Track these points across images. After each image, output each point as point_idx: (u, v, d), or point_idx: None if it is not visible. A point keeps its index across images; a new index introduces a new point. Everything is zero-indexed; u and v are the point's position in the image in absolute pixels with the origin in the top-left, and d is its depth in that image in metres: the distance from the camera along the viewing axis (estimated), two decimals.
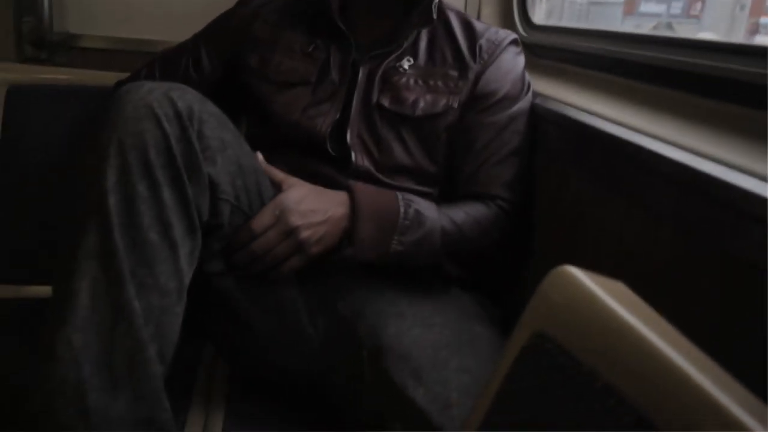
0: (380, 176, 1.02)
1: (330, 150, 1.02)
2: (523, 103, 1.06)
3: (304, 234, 0.89)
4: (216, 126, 0.83)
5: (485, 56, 1.05)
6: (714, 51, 0.87)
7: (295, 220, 0.89)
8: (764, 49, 0.80)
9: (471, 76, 1.04)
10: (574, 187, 0.98)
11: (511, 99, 1.05)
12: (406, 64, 1.04)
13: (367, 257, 0.93)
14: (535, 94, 1.10)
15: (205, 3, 1.25)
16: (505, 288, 1.09)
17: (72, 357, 0.70)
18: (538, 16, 1.43)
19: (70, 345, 0.70)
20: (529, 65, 1.12)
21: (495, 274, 1.07)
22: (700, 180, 0.68)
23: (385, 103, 1.02)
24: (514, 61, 1.07)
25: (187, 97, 0.80)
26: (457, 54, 1.05)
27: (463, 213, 0.99)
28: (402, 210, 0.94)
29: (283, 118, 1.04)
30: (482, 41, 1.06)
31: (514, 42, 1.09)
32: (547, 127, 1.04)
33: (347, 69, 1.05)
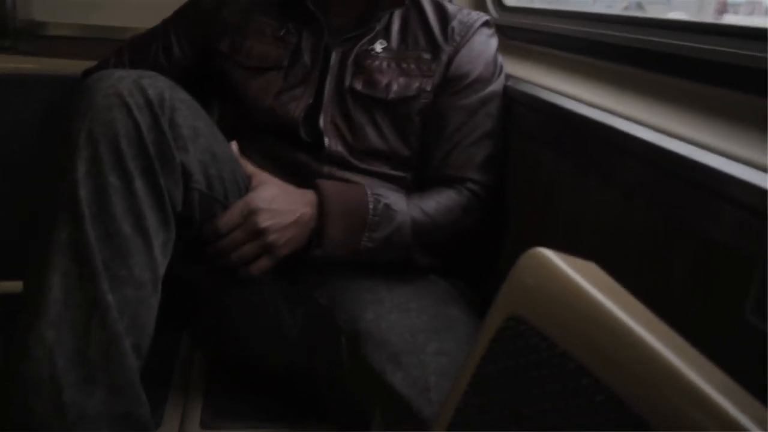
0: (354, 161, 1.01)
1: (303, 135, 1.01)
2: (496, 86, 1.06)
3: (273, 236, 0.89)
4: (188, 114, 0.81)
5: (457, 38, 1.04)
6: (683, 30, 0.87)
7: (264, 221, 0.88)
8: (731, 28, 0.81)
9: (444, 58, 1.03)
10: (548, 169, 0.98)
11: (483, 81, 1.05)
12: (378, 47, 1.04)
13: (337, 256, 0.93)
14: (508, 77, 1.10)
15: None
16: (480, 271, 1.09)
17: (46, 354, 0.69)
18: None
19: (43, 341, 0.69)
20: (502, 47, 1.11)
21: (470, 259, 1.07)
22: (671, 160, 0.68)
23: (358, 86, 1.01)
24: (486, 43, 1.07)
25: (158, 85, 0.79)
26: (429, 36, 1.05)
27: (434, 202, 0.99)
28: (371, 206, 0.94)
29: (256, 104, 1.03)
30: (454, 23, 1.05)
31: (486, 24, 1.08)
32: (520, 109, 1.04)
33: (319, 53, 1.04)
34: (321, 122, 1.01)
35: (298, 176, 0.99)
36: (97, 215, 0.73)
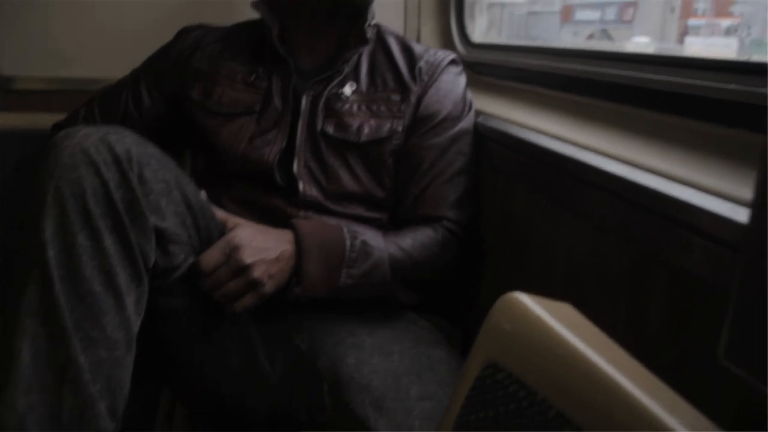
0: (329, 205, 1.01)
1: (278, 180, 1.01)
2: (466, 123, 1.07)
3: (257, 272, 0.87)
4: (158, 168, 0.81)
5: (425, 78, 1.05)
6: (647, 63, 0.89)
7: (247, 257, 0.87)
8: (695, 61, 0.82)
9: (413, 98, 1.04)
10: (522, 203, 0.98)
11: (453, 119, 1.05)
12: (348, 90, 1.04)
13: (317, 293, 0.92)
14: (478, 113, 1.11)
15: (145, 37, 1.23)
16: (461, 307, 1.09)
17: (17, 423, 0.67)
18: (479, 29, 1.45)
19: (14, 409, 0.67)
20: (471, 82, 1.13)
21: (450, 295, 1.07)
22: (641, 193, 0.69)
23: (330, 130, 1.02)
24: (454, 81, 1.08)
25: (125, 141, 0.78)
26: (397, 77, 1.06)
27: (410, 239, 0.99)
28: (348, 242, 0.93)
29: (230, 150, 1.03)
30: (421, 63, 1.06)
31: (453, 62, 1.10)
32: (492, 145, 1.05)
33: (289, 96, 1.04)
34: (295, 167, 1.01)
35: (273, 221, 0.98)
36: (66, 276, 0.72)
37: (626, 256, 0.75)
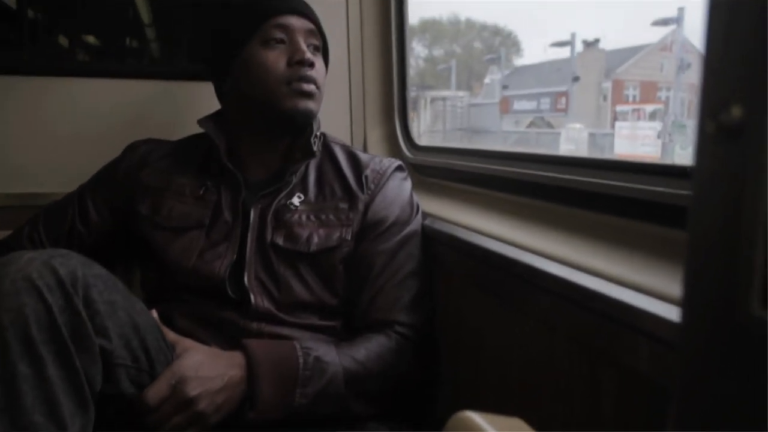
0: (282, 315, 0.99)
1: (230, 293, 0.99)
2: (414, 226, 1.08)
3: (203, 404, 0.85)
4: (104, 289, 0.79)
5: (372, 186, 1.07)
6: (584, 166, 0.92)
7: (192, 390, 0.84)
8: (630, 165, 0.85)
9: (360, 206, 1.05)
10: (474, 306, 0.99)
11: (401, 224, 1.07)
12: (296, 201, 1.05)
13: (272, 415, 0.89)
14: (425, 215, 1.13)
15: (92, 152, 1.22)
16: (421, 412, 1.06)
17: None
18: (425, 122, 1.50)
19: None
20: (418, 184, 1.15)
21: (409, 402, 1.05)
22: (587, 296, 0.70)
23: (279, 241, 1.01)
24: (400, 187, 1.10)
25: (70, 263, 0.77)
26: (345, 186, 1.07)
27: (364, 350, 0.97)
28: (301, 360, 0.91)
29: (180, 264, 1.01)
30: (368, 172, 1.08)
31: (398, 168, 1.12)
32: (440, 248, 1.06)
33: (239, 209, 1.04)
34: (246, 279, 0.99)
35: (226, 335, 0.96)
36: (5, 408, 0.68)
37: (577, 356, 0.75)
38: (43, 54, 1.35)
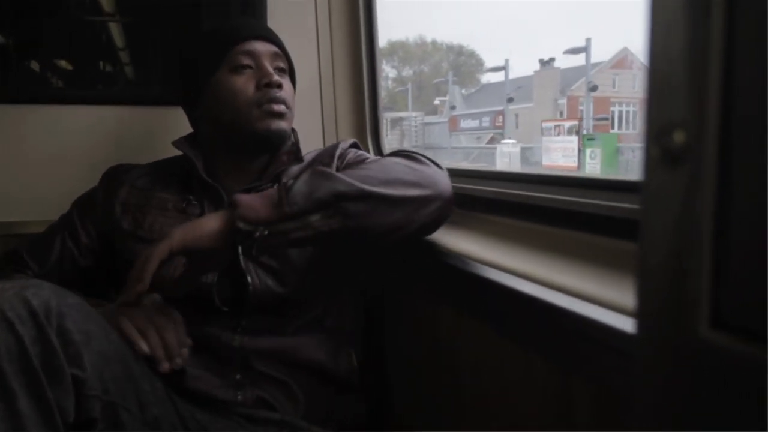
0: (281, 290, 0.87)
1: (217, 301, 0.85)
2: None
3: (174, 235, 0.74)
4: (78, 318, 0.67)
5: (338, 160, 0.96)
6: (549, 184, 0.80)
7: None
8: (591, 181, 0.74)
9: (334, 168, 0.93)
10: (449, 325, 0.85)
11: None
12: None
13: (260, 215, 0.71)
14: None
15: (68, 178, 1.06)
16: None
17: None
18: (392, 141, 1.37)
19: None
20: None
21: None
22: (557, 314, 0.59)
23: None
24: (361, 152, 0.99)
25: (43, 294, 0.65)
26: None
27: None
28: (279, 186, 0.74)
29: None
30: (337, 151, 0.97)
31: (354, 145, 1.01)
32: (414, 267, 0.93)
33: None
34: (242, 262, 0.84)
35: (212, 350, 0.85)
36: None
37: (551, 376, 0.63)
38: (15, 81, 1.15)
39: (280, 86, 0.91)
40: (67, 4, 1.17)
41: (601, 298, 0.57)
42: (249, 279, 0.85)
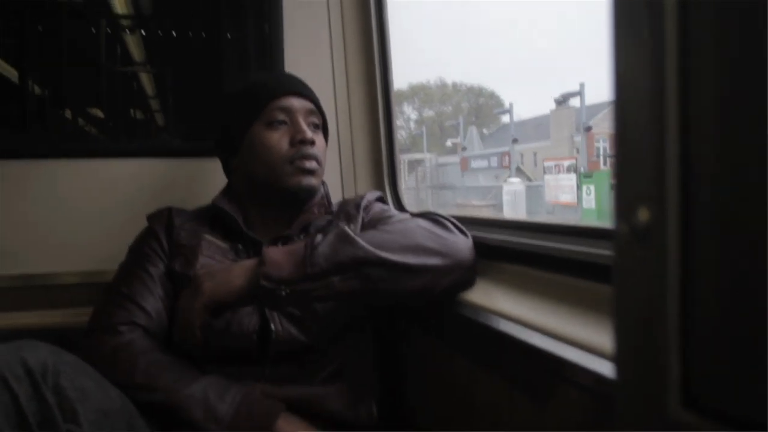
0: (304, 338, 0.83)
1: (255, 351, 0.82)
2: None
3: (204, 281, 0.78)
4: (74, 375, 0.66)
5: (364, 211, 0.97)
6: (549, 232, 0.78)
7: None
8: (590, 230, 0.71)
9: (359, 221, 0.95)
10: (440, 361, 0.83)
11: (396, 215, 0.96)
12: None
13: (283, 274, 0.74)
14: None
15: (103, 230, 1.08)
16: None
17: None
18: (409, 181, 1.34)
19: None
20: None
21: None
22: (544, 358, 0.57)
23: None
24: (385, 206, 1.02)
25: (39, 353, 0.64)
26: (347, 216, 0.96)
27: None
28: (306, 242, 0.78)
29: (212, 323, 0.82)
30: (363, 202, 0.98)
31: (379, 199, 1.03)
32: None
33: None
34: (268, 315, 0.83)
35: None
36: None
37: (535, 410, 0.61)
38: (52, 136, 1.15)
39: (313, 143, 0.91)
40: (100, 57, 1.18)
41: (589, 344, 0.54)
42: (272, 327, 0.82)
